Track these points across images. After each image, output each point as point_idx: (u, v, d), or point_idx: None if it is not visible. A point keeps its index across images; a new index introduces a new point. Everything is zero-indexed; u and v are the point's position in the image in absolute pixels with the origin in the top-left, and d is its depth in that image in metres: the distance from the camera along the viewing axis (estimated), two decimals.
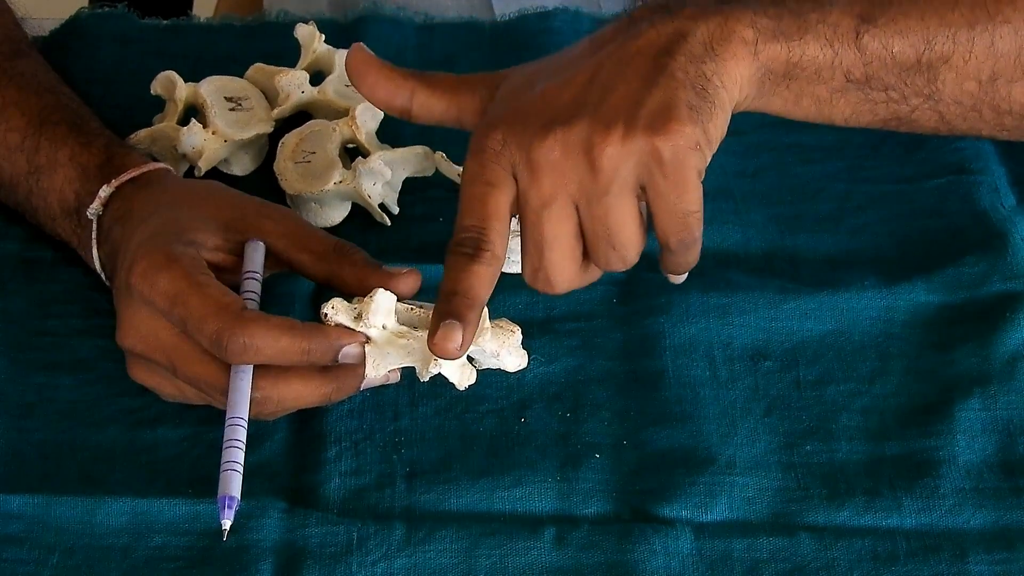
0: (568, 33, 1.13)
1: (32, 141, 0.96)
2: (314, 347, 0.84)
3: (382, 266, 0.88)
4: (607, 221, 0.82)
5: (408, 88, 0.88)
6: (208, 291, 0.85)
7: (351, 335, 0.84)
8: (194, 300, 0.84)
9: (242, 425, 0.83)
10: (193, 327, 0.84)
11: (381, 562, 0.84)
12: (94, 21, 1.13)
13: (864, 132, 1.06)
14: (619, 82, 0.82)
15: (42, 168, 0.95)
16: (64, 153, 0.95)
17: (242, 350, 0.83)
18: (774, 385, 0.92)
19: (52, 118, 0.96)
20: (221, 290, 0.85)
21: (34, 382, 0.92)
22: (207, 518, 0.85)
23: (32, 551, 0.84)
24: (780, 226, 1.01)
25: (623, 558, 0.84)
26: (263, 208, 0.92)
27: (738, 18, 0.83)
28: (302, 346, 0.83)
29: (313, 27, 1.06)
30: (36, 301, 0.96)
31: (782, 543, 0.85)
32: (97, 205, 0.93)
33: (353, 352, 0.84)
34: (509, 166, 0.83)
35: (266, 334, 0.83)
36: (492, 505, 0.87)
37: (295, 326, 0.84)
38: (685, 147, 0.81)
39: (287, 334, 0.83)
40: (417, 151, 1.00)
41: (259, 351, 0.83)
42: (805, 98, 0.87)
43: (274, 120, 1.03)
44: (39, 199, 0.96)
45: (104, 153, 0.95)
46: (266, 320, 0.84)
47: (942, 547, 0.85)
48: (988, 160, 1.04)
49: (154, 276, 0.85)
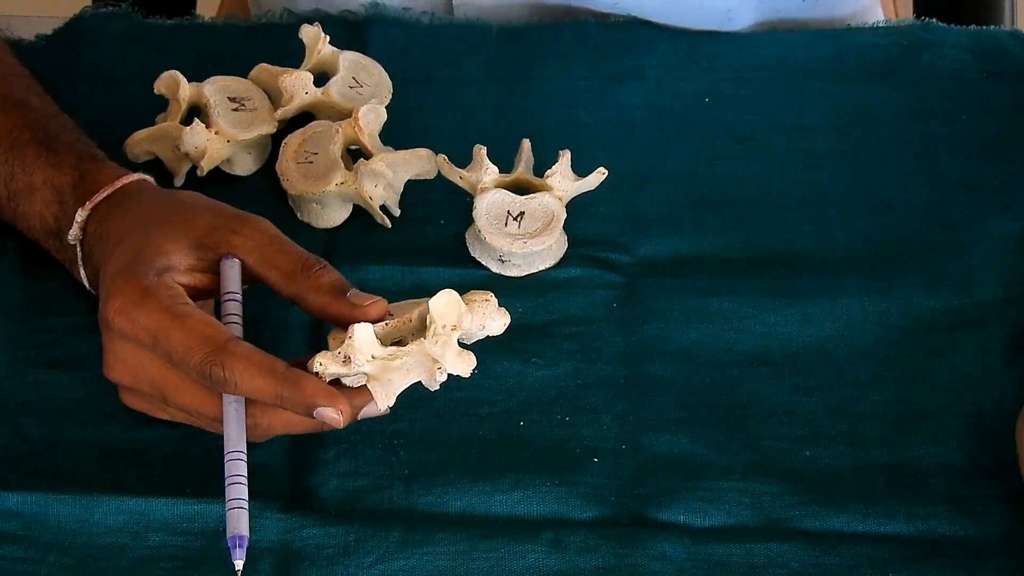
0: (574, 39, 1.13)
1: (6, 167, 0.94)
2: (287, 396, 0.82)
3: (348, 292, 0.86)
4: None
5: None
6: (190, 323, 0.83)
7: (328, 396, 0.82)
8: (176, 334, 0.83)
9: (242, 459, 0.83)
10: (178, 360, 0.83)
11: (379, 564, 0.84)
12: (98, 20, 1.13)
13: (874, 139, 1.07)
14: None
15: (20, 193, 0.94)
16: (38, 177, 0.94)
17: (223, 383, 0.83)
18: (772, 391, 0.92)
19: (20, 140, 0.95)
20: (203, 320, 0.84)
21: (33, 379, 0.92)
22: (205, 518, 0.85)
23: (29, 549, 0.84)
24: (781, 232, 1.01)
25: (620, 562, 0.84)
26: (234, 221, 0.89)
27: None
28: (276, 391, 0.82)
29: (318, 28, 1.06)
30: (35, 298, 0.96)
31: (779, 549, 0.85)
32: (76, 230, 0.92)
33: (327, 414, 0.82)
34: None
35: (244, 371, 0.82)
36: (490, 508, 0.87)
37: (275, 370, 0.83)
38: None
39: (263, 375, 0.82)
40: (419, 153, 1.00)
41: (238, 386, 0.82)
42: None
43: (277, 121, 1.03)
44: (23, 222, 0.95)
45: (75, 172, 0.93)
46: (248, 357, 0.83)
47: (938, 554, 0.85)
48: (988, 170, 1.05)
49: (132, 312, 0.84)
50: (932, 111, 1.09)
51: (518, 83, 1.11)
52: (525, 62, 1.12)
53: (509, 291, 0.97)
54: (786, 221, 1.02)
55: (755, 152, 1.06)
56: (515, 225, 0.97)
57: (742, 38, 1.14)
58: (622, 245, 1.00)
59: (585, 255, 0.99)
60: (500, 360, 0.93)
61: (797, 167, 1.06)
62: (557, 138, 1.05)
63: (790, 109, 1.09)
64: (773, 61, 1.13)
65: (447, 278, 0.97)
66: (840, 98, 1.10)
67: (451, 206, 1.01)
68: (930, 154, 1.06)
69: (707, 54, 1.13)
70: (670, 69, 1.12)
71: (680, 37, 1.14)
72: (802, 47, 1.14)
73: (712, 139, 1.07)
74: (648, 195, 1.04)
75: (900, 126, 1.08)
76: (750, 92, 1.10)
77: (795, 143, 1.07)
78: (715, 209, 1.03)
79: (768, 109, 1.09)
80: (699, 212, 1.03)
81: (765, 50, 1.13)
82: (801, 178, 1.05)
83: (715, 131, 1.08)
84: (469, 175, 0.99)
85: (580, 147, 1.03)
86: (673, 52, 1.13)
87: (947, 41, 1.13)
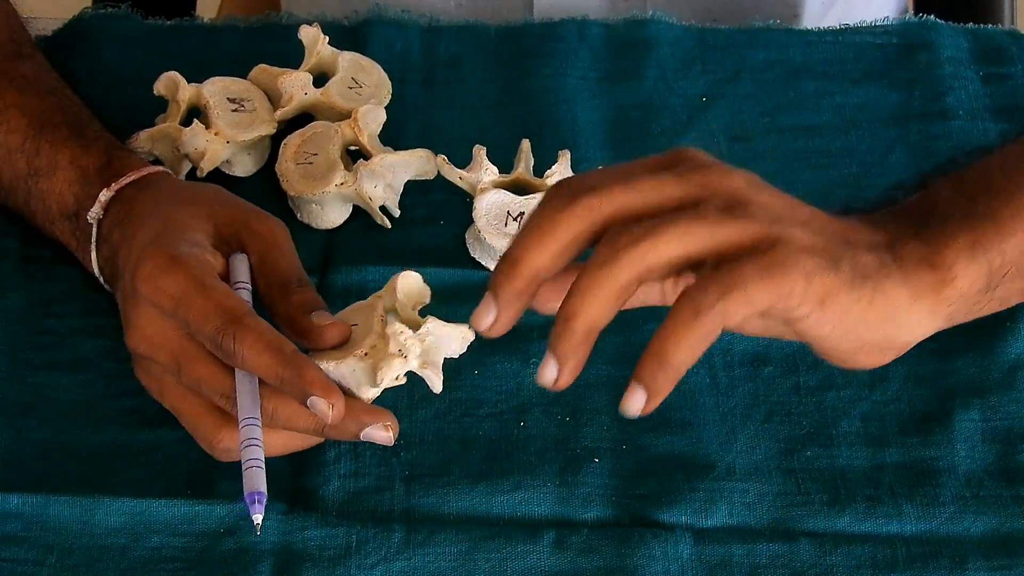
0: (573, 39, 1.13)
1: (32, 144, 0.96)
2: (287, 378, 0.82)
3: (313, 315, 0.86)
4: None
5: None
6: (213, 293, 0.84)
7: (325, 388, 0.82)
8: (198, 301, 0.84)
9: (256, 424, 0.83)
10: (196, 328, 0.84)
11: (380, 565, 0.84)
12: (97, 21, 1.13)
13: (872, 139, 1.07)
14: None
15: (41, 171, 0.95)
16: (64, 156, 0.95)
17: (232, 353, 0.83)
18: (774, 391, 0.92)
19: (53, 120, 0.96)
20: (227, 293, 0.85)
21: (33, 381, 0.92)
22: (205, 519, 0.85)
23: (30, 550, 0.84)
24: None
25: (622, 563, 0.84)
26: (251, 221, 0.90)
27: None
28: (277, 371, 0.82)
29: (317, 29, 1.06)
30: (36, 300, 0.96)
31: (782, 549, 0.85)
32: (97, 209, 0.93)
33: (319, 405, 0.82)
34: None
35: (253, 345, 0.82)
36: (491, 509, 0.87)
37: (282, 350, 0.83)
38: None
39: (269, 353, 0.82)
40: (419, 154, 1.00)
41: (244, 360, 0.83)
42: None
43: (277, 121, 1.03)
44: (38, 202, 0.96)
45: (104, 156, 0.95)
46: (260, 332, 0.83)
47: (942, 554, 0.85)
48: None
49: (159, 278, 0.85)
50: (930, 110, 1.09)
51: (517, 83, 1.11)
52: (524, 62, 1.12)
53: None
54: None
55: (753, 151, 1.07)
56: (515, 225, 0.97)
57: (740, 38, 1.14)
58: None
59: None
60: (500, 360, 0.93)
61: (795, 167, 1.06)
62: (556, 138, 1.05)
63: (788, 108, 1.09)
64: (771, 60, 1.13)
65: (447, 278, 0.97)
66: (838, 97, 1.10)
67: (451, 206, 1.01)
68: (928, 153, 1.06)
69: (705, 54, 1.13)
70: (669, 69, 1.12)
71: (679, 37, 1.14)
72: (800, 46, 1.14)
73: (710, 139, 1.07)
74: None
75: (898, 125, 1.08)
76: (748, 92, 1.10)
77: (793, 143, 1.07)
78: None
79: (766, 109, 1.09)
80: None
81: (763, 50, 1.13)
82: (799, 177, 1.05)
83: (713, 131, 1.08)
84: (469, 175, 0.99)
85: (579, 147, 1.03)
86: (672, 52, 1.13)
87: (945, 40, 1.13)
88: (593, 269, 0.74)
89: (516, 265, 0.75)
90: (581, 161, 1.00)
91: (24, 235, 0.99)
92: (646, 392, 0.75)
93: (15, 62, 1.00)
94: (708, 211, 0.75)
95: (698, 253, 0.74)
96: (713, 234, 0.74)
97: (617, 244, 0.74)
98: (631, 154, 1.05)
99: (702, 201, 0.75)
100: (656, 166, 0.77)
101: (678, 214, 0.74)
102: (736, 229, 0.74)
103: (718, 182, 0.76)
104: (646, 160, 0.77)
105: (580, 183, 0.76)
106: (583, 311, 0.74)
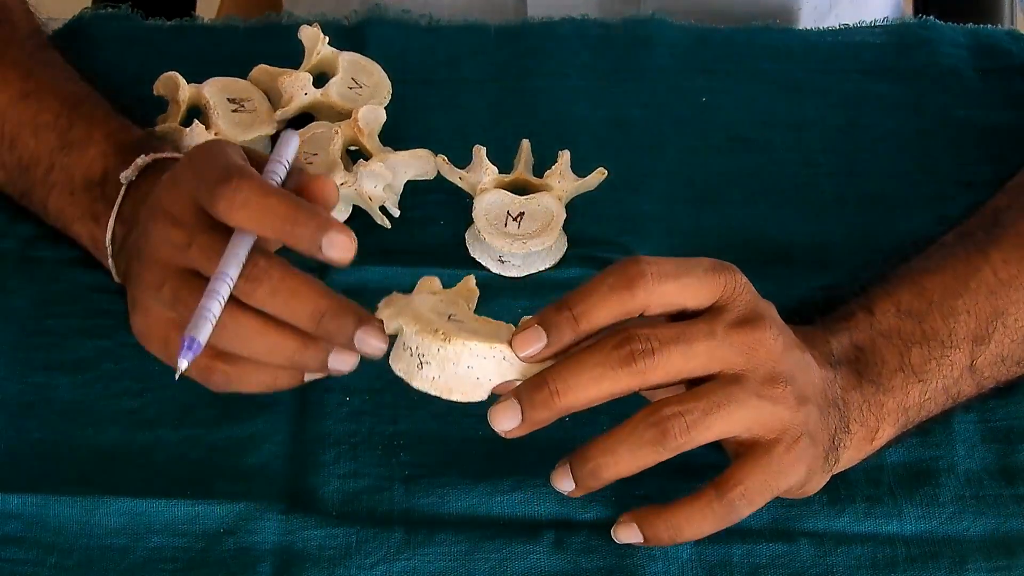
0: (573, 39, 1.13)
1: (66, 120, 0.96)
2: (300, 218, 0.79)
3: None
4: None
5: None
6: (230, 156, 0.82)
7: (342, 226, 0.80)
8: (214, 158, 0.82)
9: (228, 283, 0.80)
10: (203, 176, 0.81)
11: (380, 565, 0.84)
12: (97, 22, 1.13)
13: (872, 138, 1.07)
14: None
15: (74, 143, 0.95)
16: (100, 132, 0.95)
17: (231, 196, 0.79)
18: None
19: (90, 100, 0.97)
20: (242, 158, 0.83)
21: (33, 382, 0.92)
22: (205, 519, 0.85)
23: (30, 551, 0.84)
24: (779, 230, 1.01)
25: (622, 563, 0.84)
26: None
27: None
28: (287, 211, 0.79)
29: (317, 29, 1.06)
30: (36, 301, 0.96)
31: (781, 549, 0.85)
32: (132, 170, 0.92)
33: (339, 241, 0.79)
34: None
35: (258, 186, 0.80)
36: (491, 509, 0.87)
37: (290, 195, 0.81)
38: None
39: (277, 194, 0.80)
40: (419, 154, 1.00)
41: (246, 202, 0.79)
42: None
43: (277, 122, 1.03)
44: (60, 173, 0.95)
45: (143, 135, 0.96)
46: (264, 182, 0.81)
47: (941, 554, 0.85)
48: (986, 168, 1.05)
49: (188, 154, 0.85)
50: (929, 108, 1.09)
51: (517, 83, 1.11)
52: (524, 62, 1.12)
53: (509, 292, 0.97)
54: (784, 219, 1.02)
55: (753, 151, 1.07)
56: (515, 225, 0.97)
57: (739, 37, 1.14)
58: (621, 245, 1.00)
59: (585, 255, 0.99)
60: None
61: (795, 165, 1.06)
62: (556, 138, 1.05)
63: (787, 107, 1.09)
64: (770, 59, 1.13)
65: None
66: (837, 96, 1.10)
67: (451, 207, 1.01)
68: (927, 151, 1.07)
69: (704, 53, 1.13)
70: (668, 68, 1.12)
71: (678, 36, 1.14)
72: (799, 45, 1.14)
73: (710, 138, 1.08)
74: (647, 195, 1.04)
75: (897, 123, 1.08)
76: (747, 90, 1.11)
77: (793, 141, 1.07)
78: (714, 207, 1.03)
79: (765, 107, 1.09)
80: (698, 211, 1.03)
81: (762, 49, 1.13)
82: (799, 176, 1.05)
83: (713, 130, 1.08)
84: (469, 176, 0.99)
85: (579, 147, 1.03)
86: (671, 51, 1.13)
87: (944, 39, 1.13)
88: (635, 427, 0.80)
89: (553, 397, 0.80)
90: (580, 161, 1.00)
91: (25, 235, 0.99)
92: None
93: (45, 52, 1.01)
94: (749, 393, 0.81)
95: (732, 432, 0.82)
96: (753, 419, 0.81)
97: (667, 426, 0.80)
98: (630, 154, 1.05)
99: (745, 372, 0.81)
100: (707, 293, 0.82)
101: (726, 397, 0.80)
102: (770, 419, 0.81)
103: (762, 352, 0.81)
104: (699, 281, 0.82)
105: (641, 340, 0.80)
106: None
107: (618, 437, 0.80)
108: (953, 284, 0.88)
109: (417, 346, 0.80)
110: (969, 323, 0.88)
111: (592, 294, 0.80)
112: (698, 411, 0.80)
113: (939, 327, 0.88)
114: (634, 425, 0.80)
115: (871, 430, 0.86)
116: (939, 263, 0.90)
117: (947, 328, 0.88)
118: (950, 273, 0.89)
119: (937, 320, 0.88)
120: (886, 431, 0.87)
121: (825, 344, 0.86)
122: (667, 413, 0.79)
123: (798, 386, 0.82)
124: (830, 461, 0.84)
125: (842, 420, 0.85)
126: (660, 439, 0.79)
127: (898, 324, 0.87)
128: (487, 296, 0.96)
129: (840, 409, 0.85)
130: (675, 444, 0.80)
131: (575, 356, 0.80)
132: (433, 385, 0.81)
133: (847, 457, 0.86)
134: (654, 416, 0.80)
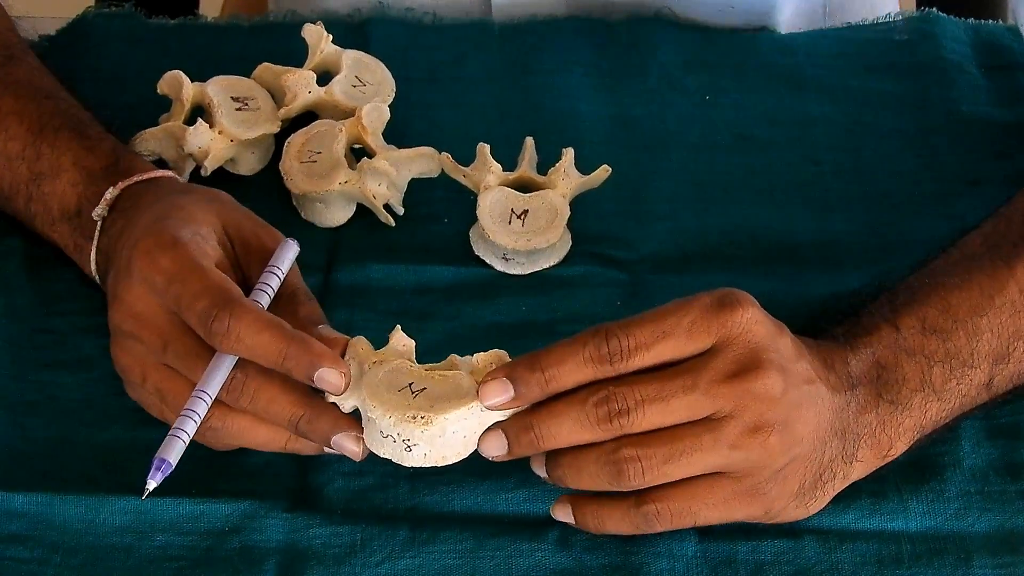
0: (577, 39, 1.13)
1: (33, 149, 0.95)
2: (292, 353, 0.81)
3: (320, 328, 0.85)
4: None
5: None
6: (209, 274, 0.83)
7: (334, 360, 0.82)
8: (193, 279, 0.83)
9: (206, 401, 0.82)
10: (186, 304, 0.83)
11: (385, 563, 0.84)
12: (101, 21, 1.13)
13: (876, 134, 1.07)
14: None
15: (44, 174, 0.95)
16: (67, 158, 0.94)
17: (224, 333, 0.81)
18: None
19: (52, 124, 0.96)
20: (222, 276, 0.84)
21: (37, 379, 0.92)
22: (210, 518, 0.85)
23: (35, 550, 0.84)
24: (784, 227, 1.01)
25: (627, 560, 0.84)
26: (262, 234, 0.89)
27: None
28: (280, 346, 0.81)
29: (321, 27, 1.06)
30: (39, 298, 0.96)
31: (786, 545, 0.85)
32: (102, 207, 0.92)
33: (330, 377, 0.82)
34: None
35: (251, 323, 0.81)
36: (496, 507, 0.87)
37: (282, 326, 0.82)
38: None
39: (270, 329, 0.81)
40: (423, 152, 1.00)
41: (240, 339, 0.81)
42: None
43: (280, 120, 1.03)
44: (38, 204, 0.95)
45: (110, 156, 0.94)
46: (256, 312, 0.82)
47: (947, 550, 0.85)
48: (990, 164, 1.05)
49: (158, 254, 0.84)
50: (932, 104, 1.09)
51: (521, 81, 1.11)
52: (527, 60, 1.12)
53: (513, 289, 0.97)
54: (789, 216, 1.02)
55: (757, 148, 1.07)
56: (519, 223, 0.97)
57: (743, 35, 1.14)
58: (626, 242, 1.00)
59: (589, 252, 0.99)
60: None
61: (799, 162, 1.06)
62: (560, 135, 1.05)
63: (791, 104, 1.09)
64: (774, 57, 1.13)
65: (451, 277, 0.97)
66: (841, 93, 1.10)
67: (455, 204, 1.01)
68: (933, 148, 1.06)
69: (708, 51, 1.13)
70: (672, 66, 1.12)
71: (682, 34, 1.14)
72: (803, 42, 1.14)
73: (714, 135, 1.07)
74: (651, 192, 1.04)
75: (902, 120, 1.08)
76: (751, 88, 1.11)
77: (797, 138, 1.07)
78: (718, 205, 1.03)
79: (769, 105, 1.09)
80: (702, 208, 1.03)
81: (766, 46, 1.13)
82: (804, 173, 1.05)
83: (717, 127, 1.08)
84: (473, 173, 0.99)
85: (583, 144, 1.03)
86: (675, 49, 1.13)
87: (947, 34, 1.13)
88: (597, 459, 0.80)
89: (537, 440, 0.81)
90: (584, 158, 1.00)
91: (28, 234, 0.99)
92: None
93: (7, 67, 0.99)
94: (723, 443, 0.80)
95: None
96: (720, 465, 0.80)
97: (623, 468, 0.80)
98: (634, 151, 1.05)
99: (729, 419, 0.80)
100: (697, 343, 0.81)
101: (693, 445, 0.80)
102: (739, 464, 0.81)
103: (750, 401, 0.80)
104: (687, 335, 0.81)
105: (618, 400, 0.80)
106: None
107: (580, 465, 0.81)
108: (979, 301, 0.87)
109: (399, 433, 0.81)
110: (991, 342, 0.87)
111: (567, 360, 0.80)
112: (657, 458, 0.79)
113: (962, 346, 0.87)
114: (596, 456, 0.80)
115: (883, 448, 0.85)
116: (965, 278, 0.88)
117: (970, 347, 0.87)
118: (976, 289, 0.88)
119: (961, 339, 0.87)
120: (899, 448, 0.86)
121: (844, 365, 0.85)
122: (625, 455, 0.80)
123: (789, 430, 0.81)
124: (808, 496, 0.84)
125: (846, 449, 0.84)
126: (615, 479, 0.80)
127: (923, 342, 0.86)
128: (491, 294, 0.96)
129: (846, 438, 0.84)
130: (631, 485, 0.80)
131: (556, 408, 0.80)
132: (426, 460, 0.81)
133: (856, 474, 0.85)
134: (614, 455, 0.80)
